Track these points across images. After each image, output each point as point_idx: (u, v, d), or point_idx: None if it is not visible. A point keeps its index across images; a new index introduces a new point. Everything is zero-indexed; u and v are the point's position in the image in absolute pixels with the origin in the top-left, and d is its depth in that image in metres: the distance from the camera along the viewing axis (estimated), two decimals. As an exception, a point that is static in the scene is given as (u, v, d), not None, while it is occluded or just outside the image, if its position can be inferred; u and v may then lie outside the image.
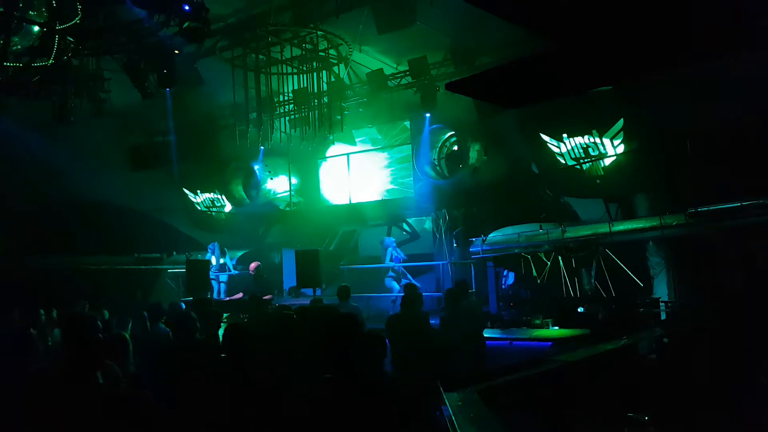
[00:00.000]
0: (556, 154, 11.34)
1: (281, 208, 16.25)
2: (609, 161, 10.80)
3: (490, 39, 10.43)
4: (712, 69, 6.90)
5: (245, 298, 10.30)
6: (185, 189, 16.55)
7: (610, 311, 9.27)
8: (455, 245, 12.81)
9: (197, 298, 9.05)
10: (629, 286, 9.92)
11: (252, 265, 10.95)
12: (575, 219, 11.81)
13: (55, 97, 10.19)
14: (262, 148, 14.49)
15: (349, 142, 15.73)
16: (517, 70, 3.76)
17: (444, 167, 14.13)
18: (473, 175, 12.71)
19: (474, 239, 11.52)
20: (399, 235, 15.26)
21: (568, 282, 10.54)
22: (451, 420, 3.71)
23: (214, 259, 13.51)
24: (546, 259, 10.71)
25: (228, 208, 16.48)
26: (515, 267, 11.64)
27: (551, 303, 10.16)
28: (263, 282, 10.50)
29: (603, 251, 10.11)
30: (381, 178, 15.68)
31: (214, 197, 16.66)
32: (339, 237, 16.06)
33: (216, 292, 13.48)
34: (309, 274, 11.33)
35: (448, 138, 14.12)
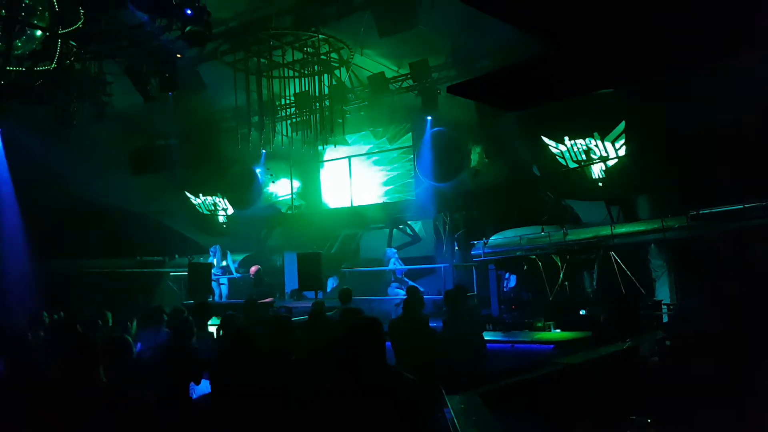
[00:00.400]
0: (557, 156, 11.34)
1: (283, 211, 16.24)
2: (611, 163, 10.80)
3: (491, 42, 10.41)
4: (712, 69, 6.89)
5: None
6: (187, 192, 16.58)
7: (612, 314, 9.25)
8: (457, 248, 12.81)
9: (198, 300, 9.05)
10: (631, 288, 9.91)
11: (252, 269, 10.93)
12: (577, 221, 11.80)
13: (58, 101, 10.20)
14: (263, 151, 14.53)
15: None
16: (519, 73, 3.76)
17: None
18: (474, 178, 12.70)
19: (475, 242, 11.51)
20: (400, 238, 15.26)
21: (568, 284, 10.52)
22: (453, 423, 3.71)
23: (215, 262, 13.53)
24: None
25: (230, 211, 16.50)
26: (517, 269, 11.62)
27: (553, 306, 10.16)
28: (263, 285, 10.50)
29: (605, 254, 10.10)
30: (382, 180, 15.68)
31: (215, 200, 16.69)
32: (340, 240, 16.05)
33: (217, 295, 13.51)
34: (311, 277, 11.35)
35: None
